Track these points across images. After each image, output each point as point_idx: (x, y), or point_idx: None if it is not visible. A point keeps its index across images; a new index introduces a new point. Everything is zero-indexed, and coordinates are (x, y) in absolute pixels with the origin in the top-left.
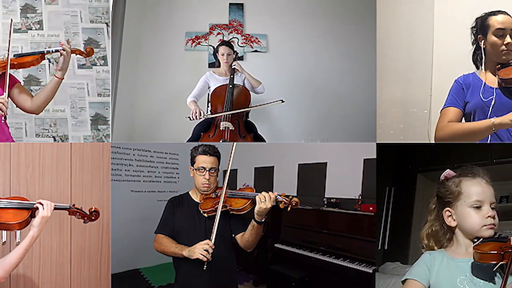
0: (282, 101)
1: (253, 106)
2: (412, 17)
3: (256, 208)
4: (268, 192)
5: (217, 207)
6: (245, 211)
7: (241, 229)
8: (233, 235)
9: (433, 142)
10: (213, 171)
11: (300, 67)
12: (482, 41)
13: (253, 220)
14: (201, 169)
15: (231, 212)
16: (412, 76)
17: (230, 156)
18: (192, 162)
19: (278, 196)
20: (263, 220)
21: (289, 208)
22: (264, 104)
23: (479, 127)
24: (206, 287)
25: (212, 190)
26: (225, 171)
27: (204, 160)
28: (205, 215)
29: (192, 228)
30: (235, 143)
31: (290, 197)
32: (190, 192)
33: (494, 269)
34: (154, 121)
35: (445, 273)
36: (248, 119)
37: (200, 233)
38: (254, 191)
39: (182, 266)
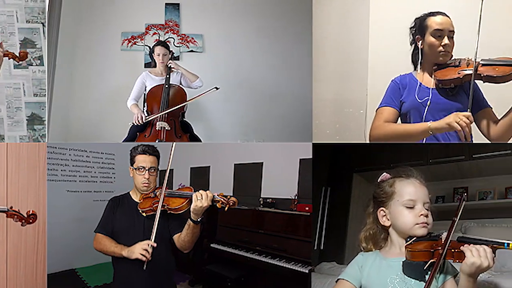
0: (217, 88)
1: (188, 100)
2: (348, 16)
3: (192, 206)
4: (205, 191)
5: (156, 207)
6: (182, 211)
7: (179, 230)
8: (171, 236)
9: (369, 142)
10: (152, 170)
11: (236, 67)
12: (420, 41)
13: (189, 219)
14: (141, 169)
15: (169, 211)
16: (348, 76)
17: (170, 156)
18: (132, 162)
19: (216, 196)
20: (199, 220)
21: (226, 208)
22: (199, 95)
23: (415, 130)
24: (145, 287)
25: (151, 189)
26: (163, 171)
27: (143, 160)
28: (144, 214)
29: (131, 228)
30: (174, 143)
31: (228, 197)
32: (130, 192)
33: (425, 268)
34: (90, 121)
35: (377, 272)
36: (184, 119)
37: (139, 232)
38: (193, 190)
39: (121, 265)
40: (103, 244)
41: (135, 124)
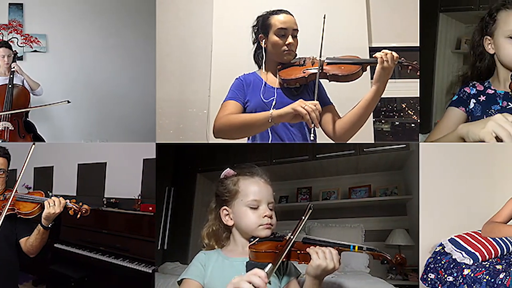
0: (68, 102)
1: (37, 106)
2: (191, 17)
3: (44, 213)
4: (58, 198)
5: (3, 210)
6: (33, 216)
7: (26, 234)
8: (17, 239)
9: (213, 139)
10: (1, 172)
11: (80, 67)
12: (263, 40)
13: (39, 224)
14: None
15: (18, 215)
16: (191, 76)
17: (26, 159)
18: None
19: (68, 203)
20: (49, 226)
21: (78, 216)
22: (49, 104)
23: (257, 118)
24: None
25: (0, 192)
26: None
27: None
28: None
29: None
30: (33, 144)
31: (80, 204)
32: None
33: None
34: None
35: (219, 272)
36: (28, 119)
37: None
38: (43, 195)
39: None
40: None
41: None
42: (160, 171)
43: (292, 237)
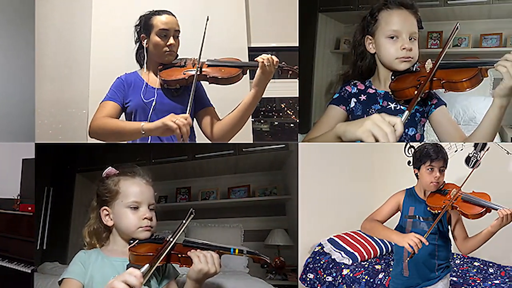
0: None
1: None
2: (71, 15)
3: None
4: None
5: None
6: None
7: None
8: None
9: (92, 139)
10: None
11: None
12: (145, 40)
13: None
14: None
15: None
16: (70, 76)
17: None
18: None
19: None
20: None
21: None
22: None
23: (128, 128)
24: None
25: None
26: None
27: None
28: None
29: None
30: None
31: None
32: None
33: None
34: None
35: (100, 272)
36: None
37: None
38: None
39: None
40: None
41: None
42: (39, 171)
43: (171, 239)
